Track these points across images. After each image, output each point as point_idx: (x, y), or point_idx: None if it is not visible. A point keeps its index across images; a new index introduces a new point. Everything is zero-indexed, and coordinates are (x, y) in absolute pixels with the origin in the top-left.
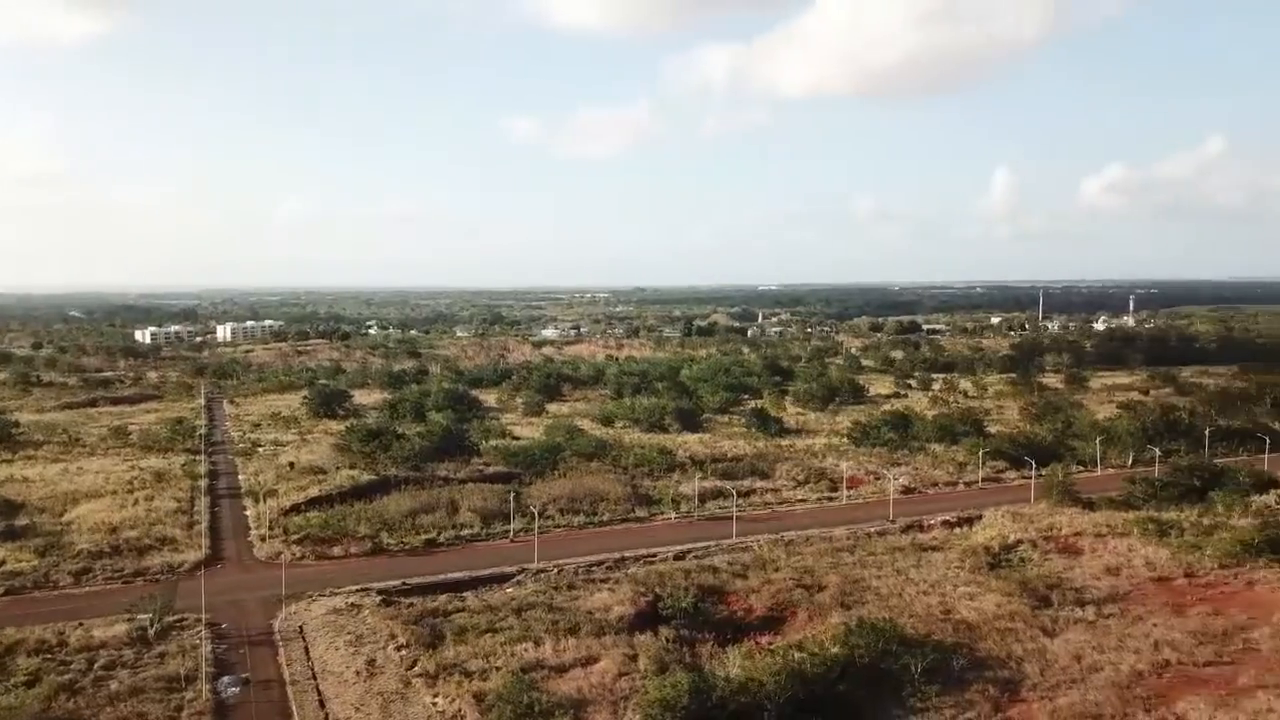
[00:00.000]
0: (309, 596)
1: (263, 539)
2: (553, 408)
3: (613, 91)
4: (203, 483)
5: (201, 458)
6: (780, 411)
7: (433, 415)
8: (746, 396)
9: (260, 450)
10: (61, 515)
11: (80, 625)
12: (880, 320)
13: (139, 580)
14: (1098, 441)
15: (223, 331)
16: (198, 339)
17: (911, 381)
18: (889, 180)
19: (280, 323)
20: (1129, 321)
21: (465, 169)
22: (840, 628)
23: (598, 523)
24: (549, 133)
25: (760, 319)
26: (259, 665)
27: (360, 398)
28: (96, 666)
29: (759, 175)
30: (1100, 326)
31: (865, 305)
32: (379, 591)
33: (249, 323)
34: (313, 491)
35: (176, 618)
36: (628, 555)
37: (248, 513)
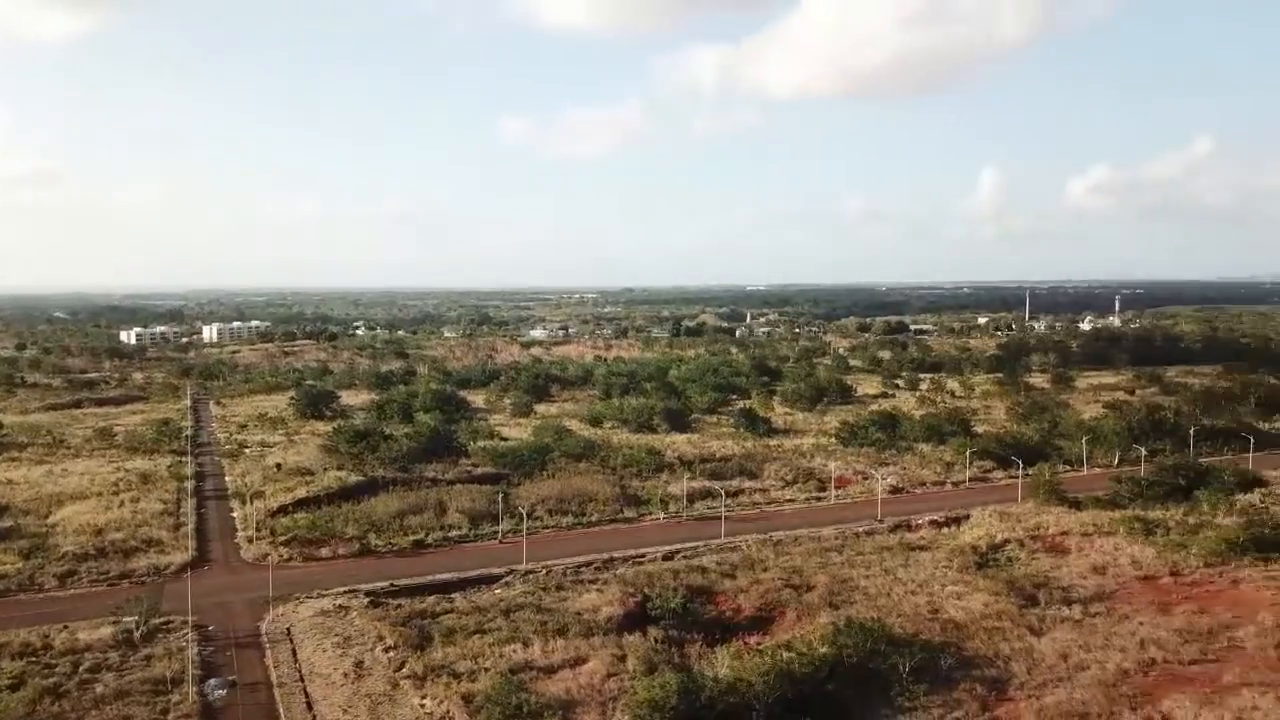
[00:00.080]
0: (296, 598)
1: (250, 540)
2: (541, 408)
3: (601, 92)
4: (189, 484)
5: (188, 459)
6: (768, 412)
7: (420, 416)
8: (735, 397)
9: (247, 451)
10: (46, 517)
11: (65, 628)
12: (868, 320)
13: (125, 582)
14: (1084, 441)
15: (209, 332)
16: (184, 340)
17: (899, 381)
18: (877, 181)
19: (267, 323)
20: (1115, 322)
21: (453, 169)
22: (828, 627)
23: (586, 523)
24: (538, 133)
25: (748, 319)
26: (246, 667)
27: (348, 398)
28: (82, 669)
29: (747, 176)
30: (1086, 326)
31: (853, 305)
32: (367, 593)
33: (235, 323)
34: (300, 493)
35: (163, 620)
36: (616, 556)
37: (234, 514)
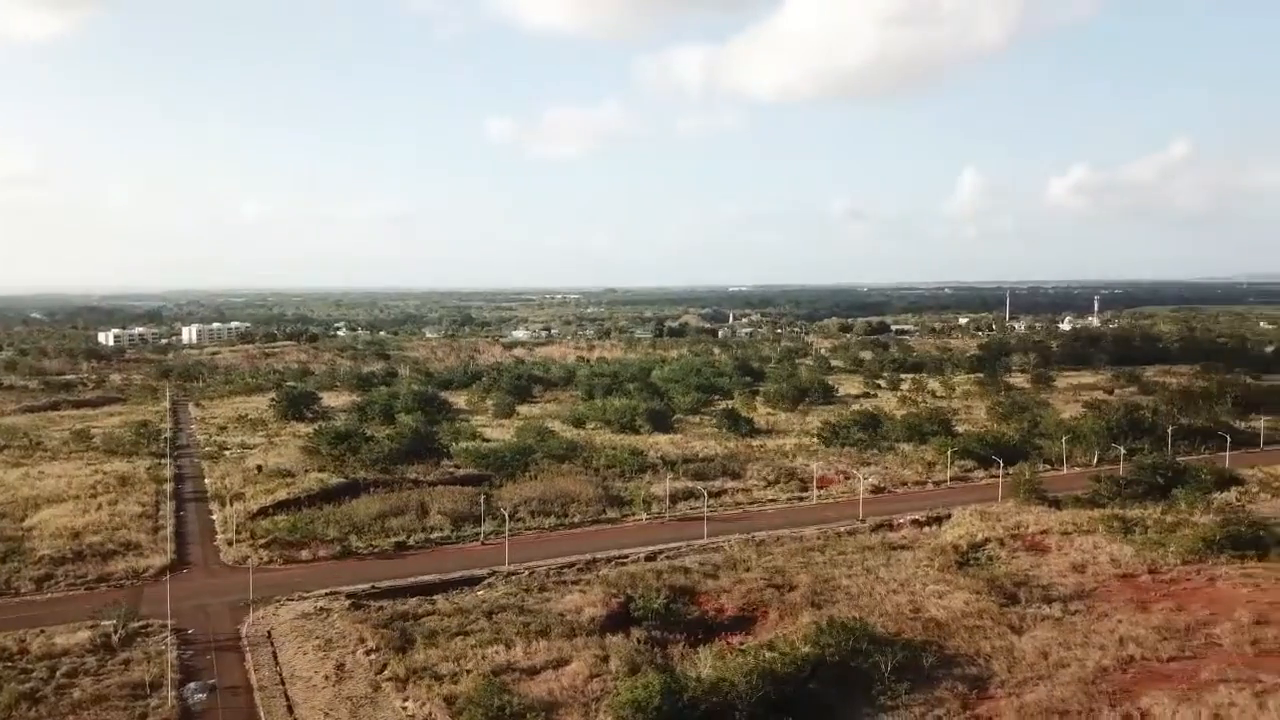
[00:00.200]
0: (277, 601)
1: (230, 543)
2: (523, 409)
3: (585, 93)
4: (168, 486)
5: (167, 461)
6: (751, 412)
7: (402, 417)
8: (717, 397)
9: (227, 453)
10: (22, 521)
11: (42, 632)
12: (849, 321)
13: (102, 586)
14: (1064, 440)
15: (188, 333)
16: (162, 341)
17: (880, 382)
18: (859, 182)
19: (247, 324)
20: (1094, 322)
21: (435, 170)
22: (811, 627)
23: (569, 524)
24: (520, 134)
25: (731, 320)
26: (226, 671)
27: (329, 400)
28: (59, 674)
29: (730, 176)
30: (1066, 327)
31: (835, 306)
32: (348, 595)
33: (215, 324)
34: (280, 495)
35: (141, 624)
36: (599, 556)
37: (214, 517)
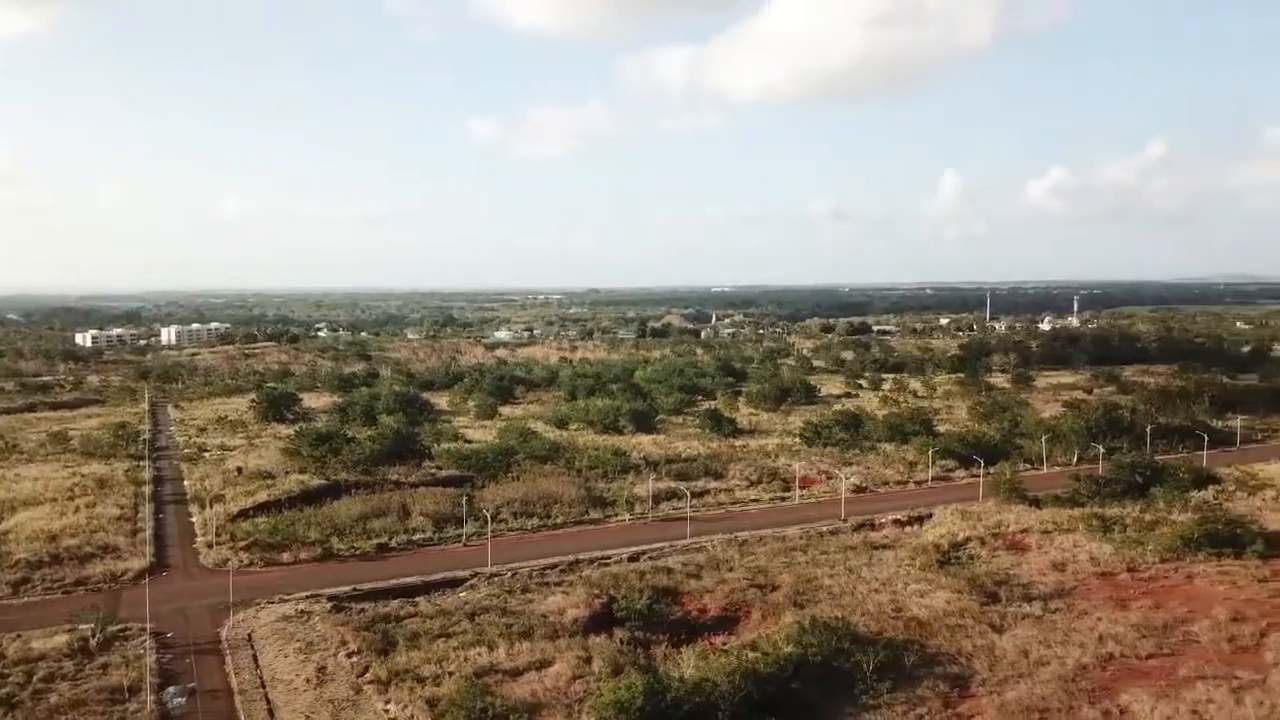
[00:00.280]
0: (257, 604)
1: (209, 546)
2: (506, 410)
3: (568, 93)
4: (147, 489)
5: (145, 463)
6: (733, 412)
7: (384, 419)
8: (700, 397)
9: (207, 455)
10: None
11: (18, 637)
12: (831, 321)
13: (80, 590)
14: (1044, 440)
15: (167, 334)
16: (141, 342)
17: (862, 382)
18: (841, 183)
19: (227, 325)
20: (1073, 322)
21: (418, 170)
22: (793, 627)
23: (552, 525)
24: (504, 134)
25: (714, 320)
26: (206, 675)
27: (309, 401)
28: (36, 679)
29: (712, 176)
30: (1045, 327)
31: (817, 307)
32: (329, 597)
33: (194, 325)
34: (261, 497)
35: (120, 628)
36: (582, 557)
37: (194, 519)
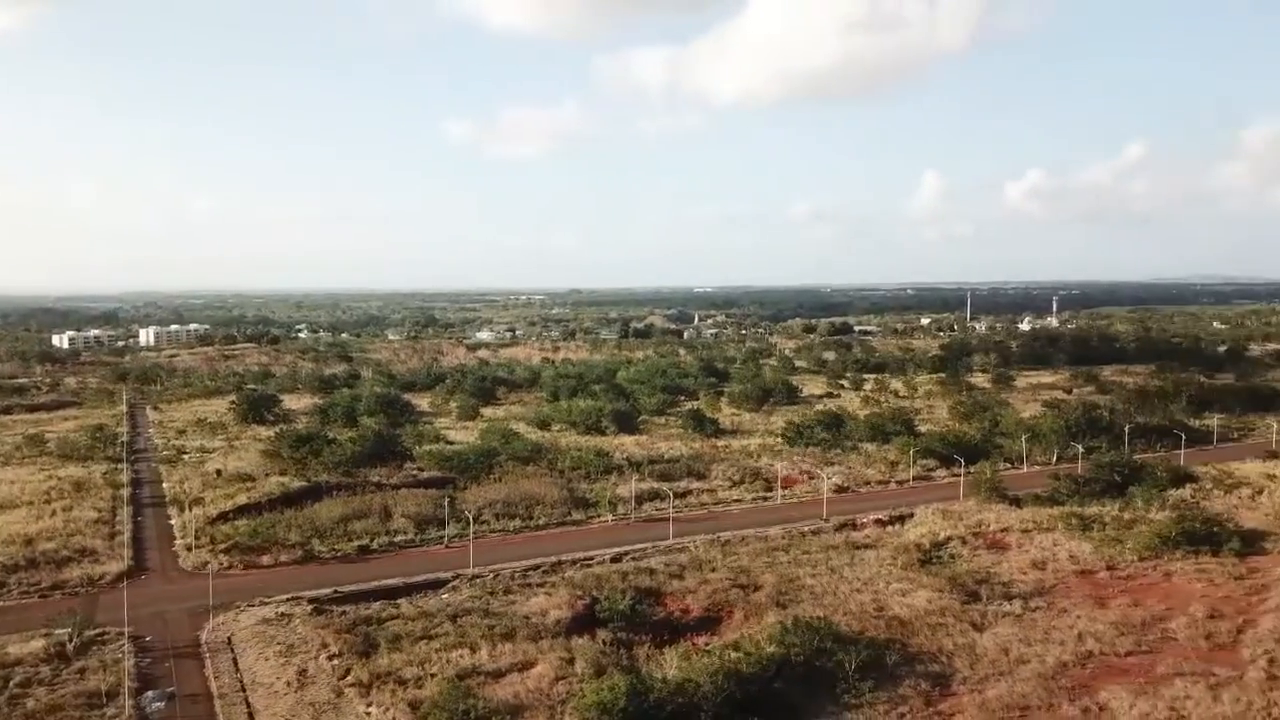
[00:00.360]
0: (237, 607)
1: (189, 549)
2: (488, 411)
3: (547, 94)
4: (125, 492)
5: (124, 466)
6: (716, 412)
7: (365, 420)
8: (683, 398)
9: (186, 457)
10: None
11: None
12: (813, 322)
13: (57, 594)
14: (1023, 439)
15: (145, 335)
16: (119, 343)
17: (844, 382)
18: (822, 184)
19: (206, 326)
20: (1052, 322)
21: (397, 170)
22: (776, 626)
23: (534, 527)
24: (482, 135)
25: (696, 321)
26: (185, 679)
27: (290, 402)
28: (12, 684)
29: (693, 177)
30: (1025, 327)
31: (799, 307)
32: (310, 600)
33: (173, 326)
34: (241, 499)
35: (97, 632)
36: (564, 559)
37: (173, 522)
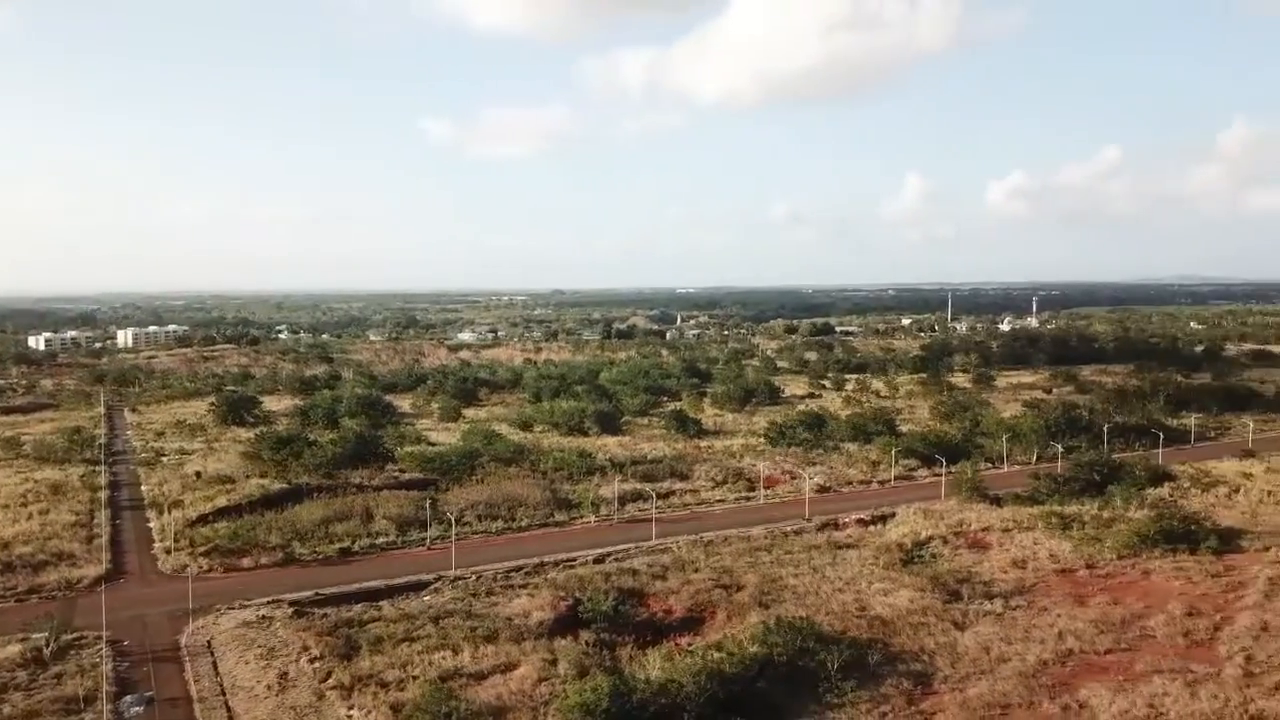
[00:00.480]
0: (217, 610)
1: (168, 552)
2: (470, 412)
3: (530, 94)
4: (103, 494)
5: (101, 468)
6: (698, 413)
7: (346, 421)
8: (665, 398)
9: (165, 460)
10: None
11: None
12: (795, 322)
13: (34, 598)
14: (1004, 439)
15: (123, 337)
16: (97, 345)
17: (825, 382)
18: (803, 185)
19: (185, 328)
20: (1032, 322)
21: (380, 170)
22: (758, 626)
23: (516, 528)
24: (465, 135)
25: (679, 321)
26: (164, 683)
27: (270, 404)
28: None
29: (676, 178)
30: (1005, 327)
31: (780, 308)
32: (291, 603)
33: (152, 328)
34: (221, 501)
35: (75, 636)
36: (547, 560)
37: (151, 525)
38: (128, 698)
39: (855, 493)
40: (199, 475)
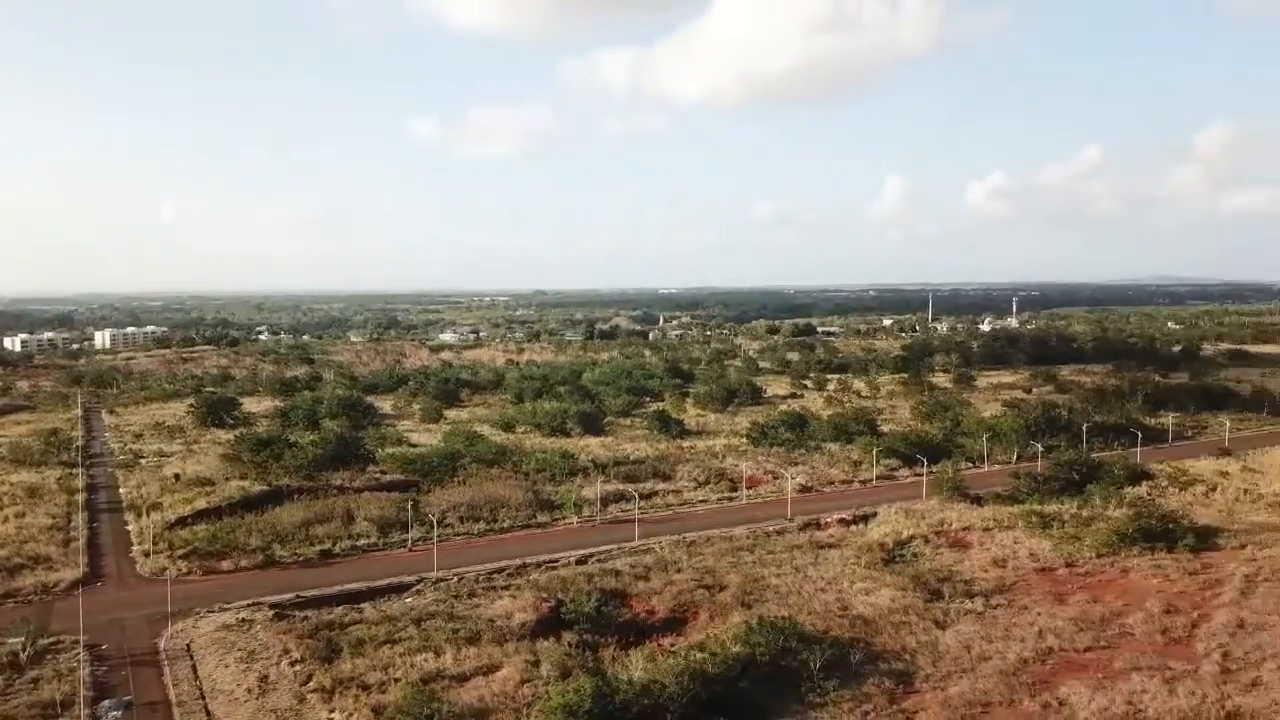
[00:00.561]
0: (197, 613)
1: (146, 554)
2: (451, 413)
3: (512, 94)
4: (80, 497)
5: (79, 471)
6: (681, 413)
7: (326, 423)
8: (648, 399)
9: (143, 462)
10: None
11: None
12: (777, 323)
13: (9, 602)
14: (984, 438)
15: (101, 338)
16: (74, 346)
17: (807, 382)
18: (785, 186)
19: (164, 329)
20: (1012, 323)
21: (362, 171)
22: (741, 626)
23: (499, 529)
24: (446, 135)
25: (661, 322)
26: (143, 687)
27: (250, 405)
28: None
29: (658, 178)
30: (986, 328)
31: (763, 308)
32: (272, 605)
33: (130, 329)
34: (200, 504)
35: (52, 640)
36: (529, 561)
37: (130, 527)
38: (106, 702)
39: (837, 493)
40: (178, 477)
